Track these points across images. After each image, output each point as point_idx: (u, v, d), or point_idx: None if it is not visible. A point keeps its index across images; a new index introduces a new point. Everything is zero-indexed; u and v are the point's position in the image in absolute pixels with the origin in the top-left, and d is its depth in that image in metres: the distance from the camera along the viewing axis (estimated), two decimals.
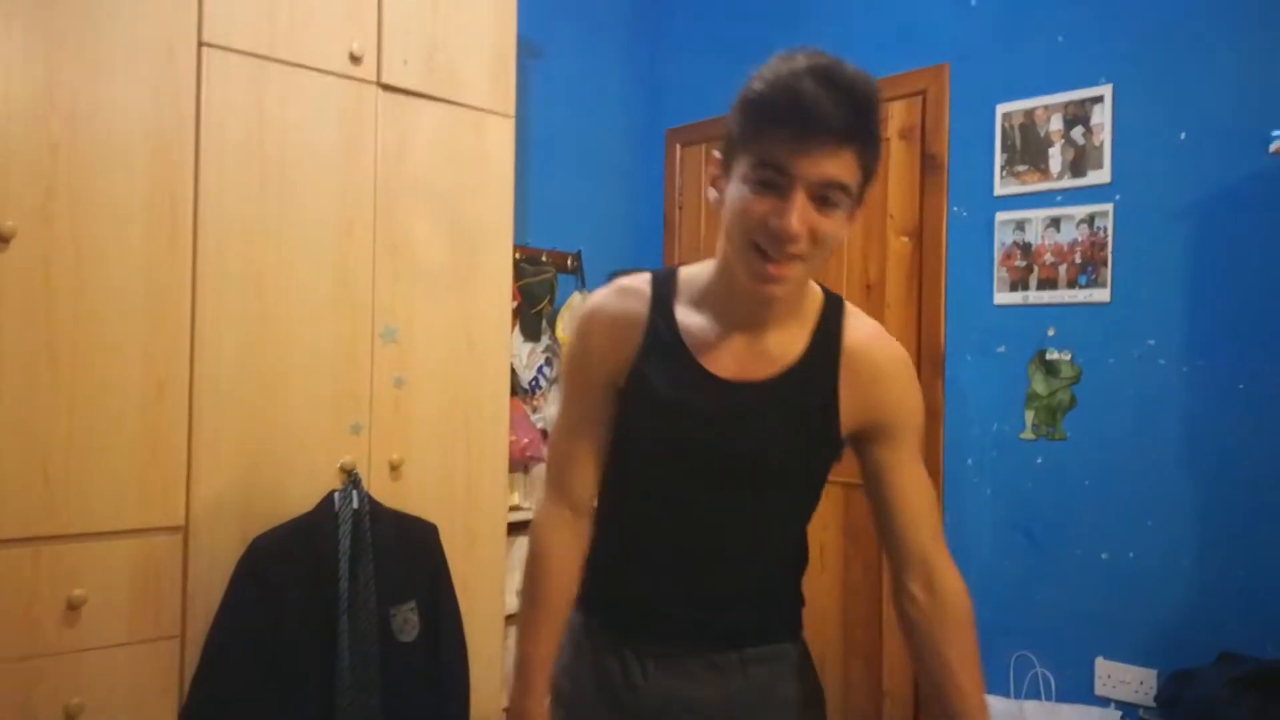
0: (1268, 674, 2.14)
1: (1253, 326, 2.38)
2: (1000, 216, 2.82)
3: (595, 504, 1.43)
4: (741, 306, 1.27)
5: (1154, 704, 2.41)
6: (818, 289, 1.33)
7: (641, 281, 1.36)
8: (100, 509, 2.01)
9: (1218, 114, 2.44)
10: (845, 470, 1.36)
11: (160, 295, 2.08)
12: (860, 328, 1.32)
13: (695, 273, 1.34)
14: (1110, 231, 2.60)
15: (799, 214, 1.12)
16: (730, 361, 1.28)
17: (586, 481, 1.40)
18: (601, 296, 1.38)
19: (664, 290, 1.33)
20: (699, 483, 1.30)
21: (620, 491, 1.39)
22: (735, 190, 1.18)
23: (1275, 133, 2.33)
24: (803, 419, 1.29)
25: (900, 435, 1.32)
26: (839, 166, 1.12)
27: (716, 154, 1.23)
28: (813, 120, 1.10)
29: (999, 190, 2.82)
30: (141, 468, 2.05)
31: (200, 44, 2.12)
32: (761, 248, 1.15)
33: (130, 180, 2.04)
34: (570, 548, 1.40)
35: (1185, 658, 2.39)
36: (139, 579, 2.06)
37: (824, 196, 1.13)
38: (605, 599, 1.41)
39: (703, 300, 1.31)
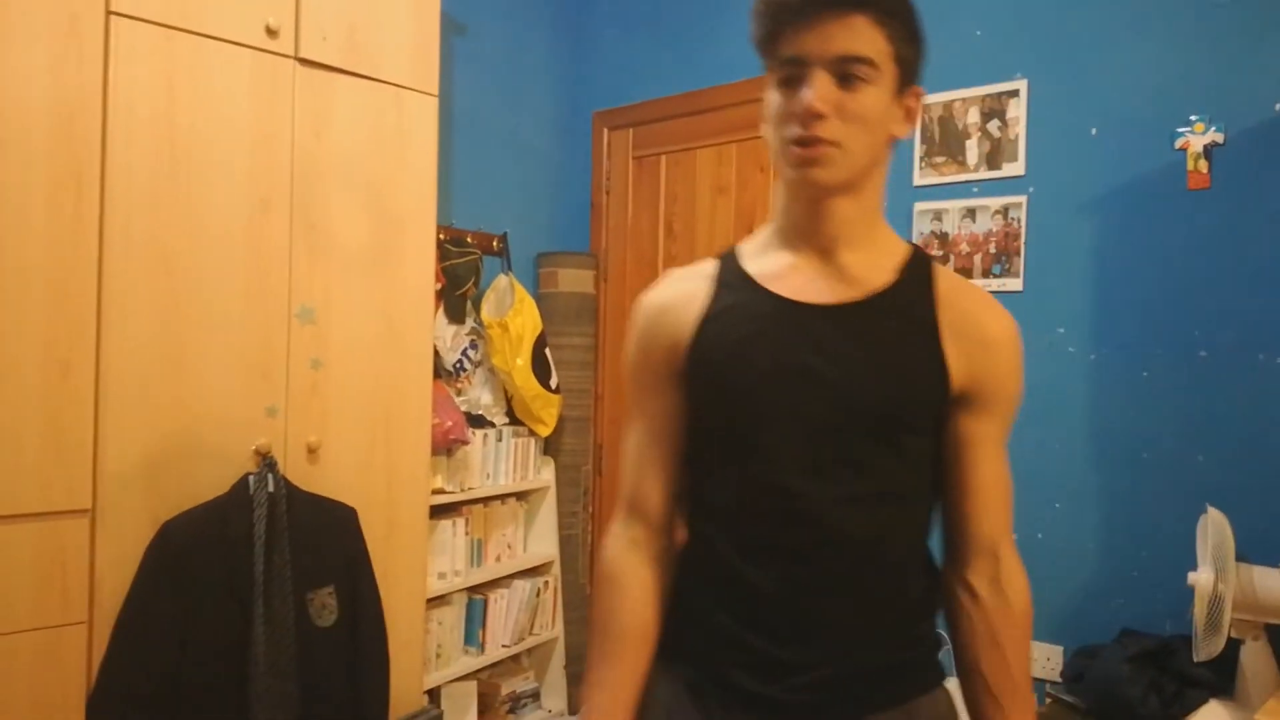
0: (1164, 650, 2.24)
1: (1156, 317, 2.46)
2: (919, 206, 2.87)
3: (679, 521, 1.26)
4: (804, 222, 1.15)
5: (1060, 679, 2.49)
6: (900, 239, 1.21)
7: (702, 262, 1.25)
8: (1, 492, 1.94)
9: (1126, 110, 2.52)
10: None
11: (64, 275, 2.00)
12: (960, 281, 1.19)
13: (758, 232, 1.25)
14: (1024, 223, 2.67)
15: (817, 92, 1.05)
16: (804, 285, 1.14)
17: (660, 490, 1.23)
18: (653, 288, 1.26)
19: (729, 255, 1.24)
20: (791, 441, 1.10)
21: (705, 491, 1.20)
22: (768, 100, 1.12)
23: (1180, 129, 2.42)
24: (897, 350, 1.12)
25: (995, 410, 1.16)
26: (851, 37, 1.05)
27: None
28: None
29: (918, 180, 2.87)
30: (44, 449, 1.98)
31: (108, 13, 2.05)
32: (798, 140, 1.08)
33: (30, 156, 1.95)
34: (643, 568, 1.22)
35: (1090, 635, 2.48)
36: (44, 563, 1.99)
37: (844, 73, 1.06)
38: (687, 646, 1.20)
39: (769, 242, 1.21)
